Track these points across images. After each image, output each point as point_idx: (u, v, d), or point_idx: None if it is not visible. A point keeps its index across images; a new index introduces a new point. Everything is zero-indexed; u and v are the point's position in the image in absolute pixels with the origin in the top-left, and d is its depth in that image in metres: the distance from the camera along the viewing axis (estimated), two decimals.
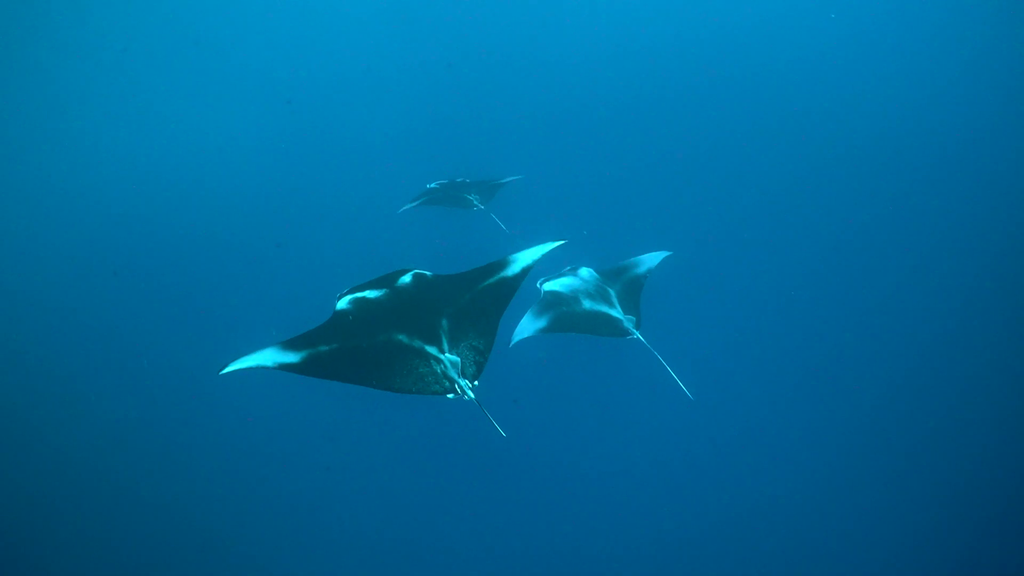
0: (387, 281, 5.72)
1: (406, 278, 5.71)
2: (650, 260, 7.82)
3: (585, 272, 7.61)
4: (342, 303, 5.63)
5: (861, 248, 12.80)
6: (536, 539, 8.38)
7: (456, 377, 4.76)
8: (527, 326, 7.18)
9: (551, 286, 7.47)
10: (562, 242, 5.67)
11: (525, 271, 5.49)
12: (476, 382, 4.82)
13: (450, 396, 4.73)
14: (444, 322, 5.19)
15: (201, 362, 10.91)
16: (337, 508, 9.16)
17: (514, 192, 13.00)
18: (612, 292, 7.38)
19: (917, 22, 22.63)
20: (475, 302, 5.35)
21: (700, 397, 7.41)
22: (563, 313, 7.10)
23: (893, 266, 12.27)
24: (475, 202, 12.05)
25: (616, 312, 7.10)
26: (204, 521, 9.20)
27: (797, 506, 8.46)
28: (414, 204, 12.37)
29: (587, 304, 7.17)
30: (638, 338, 6.96)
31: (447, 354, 4.92)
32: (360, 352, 5.00)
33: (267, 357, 4.84)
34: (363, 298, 5.58)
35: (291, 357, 4.88)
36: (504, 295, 5.37)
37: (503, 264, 5.58)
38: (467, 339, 5.06)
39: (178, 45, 27.73)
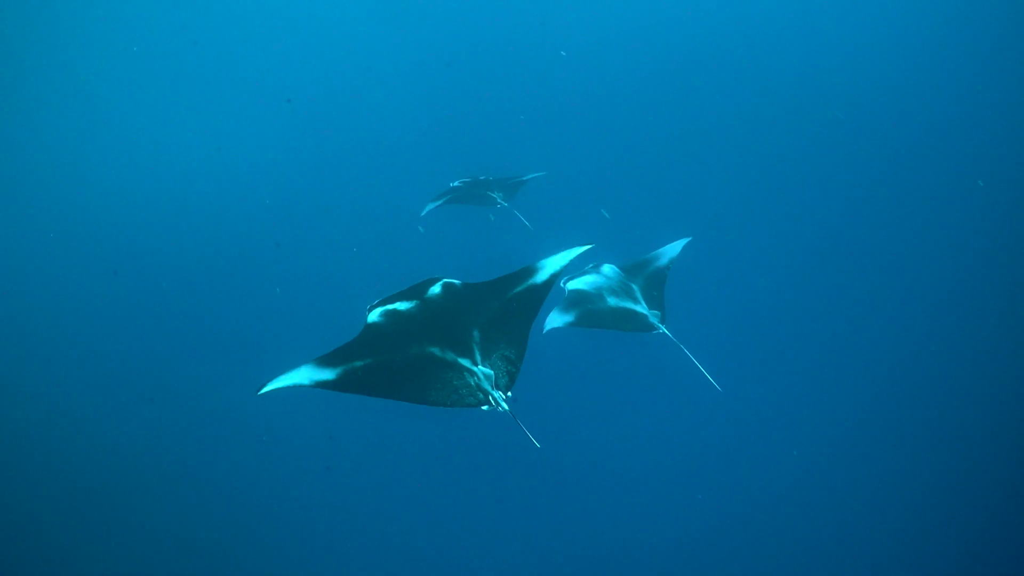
0: (417, 292, 5.68)
1: (436, 288, 5.66)
2: (671, 250, 7.81)
3: (608, 269, 7.65)
4: (373, 315, 5.60)
5: (892, 229, 12.57)
6: (568, 536, 8.48)
7: (490, 389, 4.76)
8: (555, 320, 7.29)
9: (575, 284, 7.53)
10: (589, 247, 5.65)
11: (554, 277, 5.45)
12: (509, 393, 4.81)
13: (484, 408, 4.72)
14: (475, 333, 5.18)
15: (225, 372, 11.21)
16: (345, 513, 9.33)
17: (537, 188, 13.02)
18: (636, 287, 7.43)
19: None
20: (505, 310, 5.33)
21: (728, 388, 7.43)
22: (588, 311, 7.17)
23: (928, 249, 12.01)
24: (498, 199, 12.12)
25: (641, 308, 7.16)
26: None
27: (828, 496, 8.44)
28: (438, 203, 12.47)
29: (612, 301, 7.23)
30: (664, 332, 7.02)
31: (480, 366, 4.92)
32: (394, 367, 5.01)
33: (303, 375, 4.88)
34: (394, 310, 5.55)
35: (327, 374, 4.91)
36: (533, 302, 5.34)
37: (531, 271, 5.55)
38: (499, 349, 5.06)
39: (180, 46, 27.62)
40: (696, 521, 8.48)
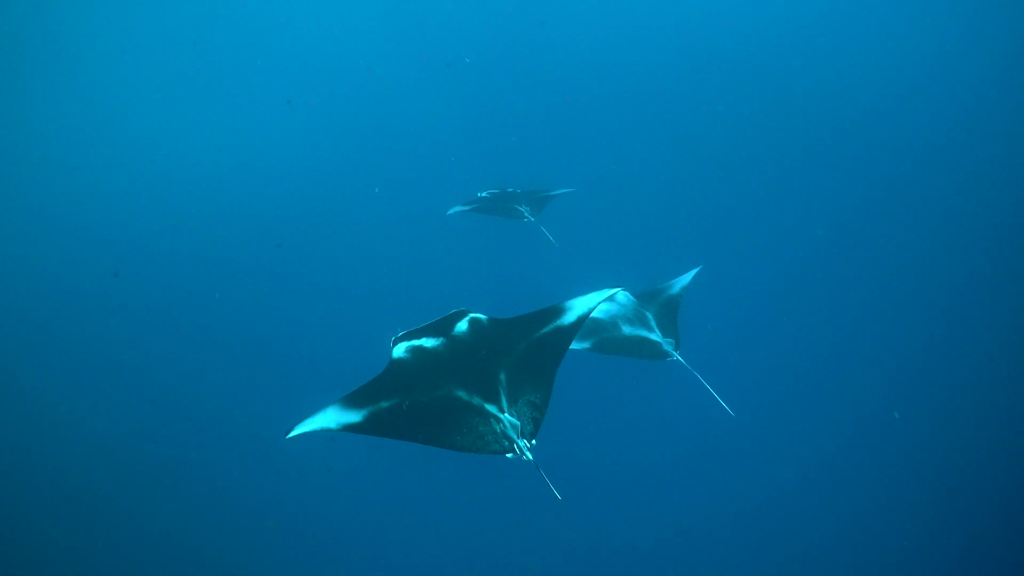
0: (443, 327, 5.61)
1: (462, 324, 5.60)
2: (683, 279, 7.98)
3: (622, 296, 7.79)
4: (398, 350, 5.52)
5: (907, 254, 12.40)
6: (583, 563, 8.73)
7: (516, 438, 4.69)
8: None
9: None
10: (617, 289, 5.63)
11: (581, 320, 5.35)
12: (534, 441, 4.72)
13: (508, 456, 4.65)
14: (502, 376, 5.12)
15: (224, 373, 11.33)
16: (345, 515, 9.38)
17: (564, 202, 13.05)
18: (649, 315, 7.60)
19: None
20: (531, 352, 5.25)
21: (741, 414, 7.57)
22: (603, 339, 7.36)
23: (944, 270, 11.83)
24: (525, 213, 12.21)
25: (655, 335, 7.34)
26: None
27: (845, 523, 8.46)
28: (464, 209, 12.50)
29: (627, 329, 7.41)
30: (678, 360, 7.22)
31: (506, 414, 4.85)
32: (420, 409, 4.95)
33: (330, 418, 4.90)
34: (420, 346, 5.47)
35: (354, 416, 4.91)
36: (560, 345, 5.23)
37: (559, 311, 5.46)
38: (524, 394, 4.98)
39: (180, 46, 27.39)
40: (709, 548, 8.55)
